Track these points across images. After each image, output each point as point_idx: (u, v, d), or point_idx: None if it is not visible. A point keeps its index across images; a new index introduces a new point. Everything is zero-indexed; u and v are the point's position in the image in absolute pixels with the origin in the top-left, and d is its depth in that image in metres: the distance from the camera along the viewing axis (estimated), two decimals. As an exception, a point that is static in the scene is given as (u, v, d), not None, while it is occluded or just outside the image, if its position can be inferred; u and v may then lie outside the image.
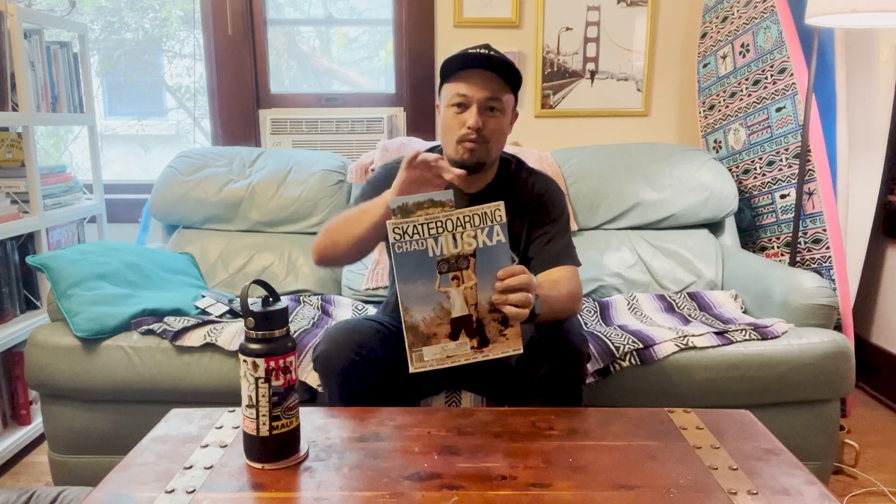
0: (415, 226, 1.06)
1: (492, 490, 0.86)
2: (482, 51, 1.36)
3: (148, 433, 1.02)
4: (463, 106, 1.37)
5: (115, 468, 0.91)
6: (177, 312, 1.81)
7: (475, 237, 1.07)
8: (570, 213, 1.45)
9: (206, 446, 0.97)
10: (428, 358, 1.10)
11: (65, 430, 1.74)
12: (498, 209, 1.07)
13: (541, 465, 0.93)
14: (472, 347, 1.10)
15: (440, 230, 1.06)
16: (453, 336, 1.10)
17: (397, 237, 1.05)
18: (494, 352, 1.11)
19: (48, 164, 2.38)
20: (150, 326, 1.70)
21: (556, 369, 1.27)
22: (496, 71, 1.36)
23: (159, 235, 2.37)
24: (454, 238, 1.07)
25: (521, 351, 1.11)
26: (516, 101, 1.44)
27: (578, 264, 1.45)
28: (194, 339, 1.68)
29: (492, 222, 1.07)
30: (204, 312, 1.86)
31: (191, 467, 0.91)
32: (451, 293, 1.08)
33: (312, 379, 1.59)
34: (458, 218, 1.06)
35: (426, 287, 1.07)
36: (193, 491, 0.85)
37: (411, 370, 1.09)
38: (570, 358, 1.29)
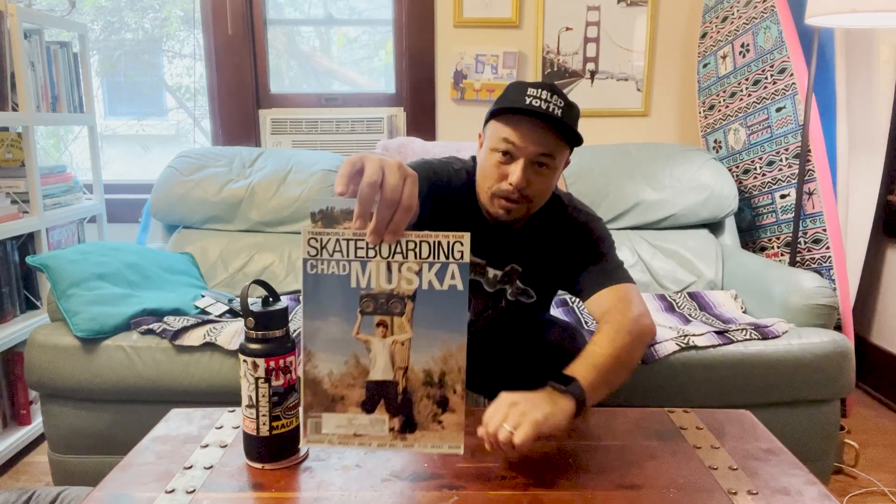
0: (338, 240, 0.79)
1: (492, 490, 0.86)
2: (544, 94, 1.12)
3: (148, 433, 1.02)
4: (508, 155, 1.16)
5: (115, 468, 0.91)
6: (176, 312, 1.81)
7: (419, 273, 0.80)
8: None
9: (206, 446, 0.97)
10: (328, 430, 0.82)
11: (65, 430, 1.74)
12: (459, 241, 0.79)
13: (541, 465, 0.93)
14: (392, 430, 0.83)
15: (371, 254, 0.80)
16: (367, 407, 0.82)
17: (312, 251, 0.80)
18: (422, 443, 0.83)
19: (48, 164, 2.38)
20: (150, 326, 1.70)
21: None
22: (556, 127, 1.14)
23: (159, 235, 2.37)
24: (389, 269, 0.80)
25: (461, 451, 0.83)
26: (571, 152, 1.22)
27: (632, 280, 1.24)
28: (194, 338, 1.68)
29: (447, 258, 0.79)
30: (204, 312, 1.86)
31: (191, 467, 0.91)
32: (374, 345, 0.81)
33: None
34: (400, 243, 0.79)
35: (340, 329, 0.81)
36: (193, 491, 0.85)
37: (302, 442, 0.84)
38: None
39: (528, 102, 1.12)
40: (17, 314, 2.14)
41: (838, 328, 2.01)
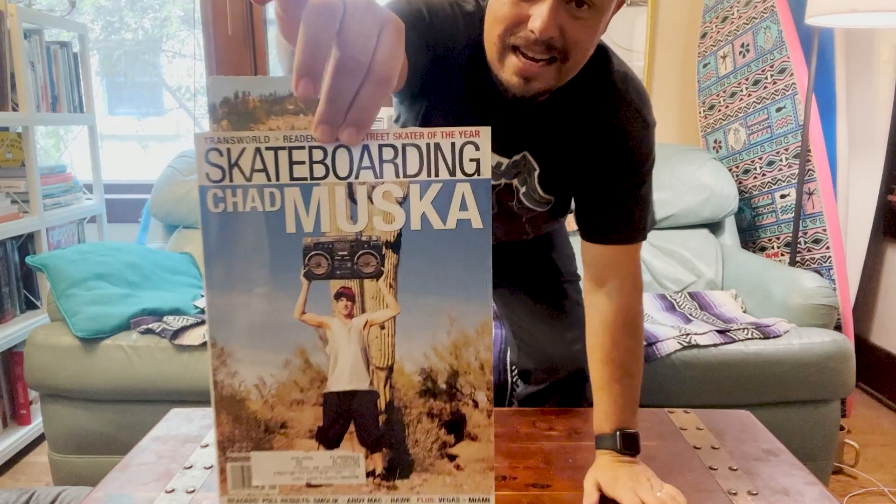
0: (259, 150, 0.47)
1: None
2: None
3: (148, 433, 1.02)
4: None
5: (115, 468, 0.91)
6: (176, 312, 1.81)
7: (404, 202, 0.48)
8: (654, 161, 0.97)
9: (206, 446, 0.97)
10: (262, 480, 0.52)
11: (64, 430, 1.73)
12: (474, 141, 0.47)
13: (541, 465, 0.93)
14: (372, 475, 0.52)
15: (321, 171, 0.47)
16: (327, 438, 0.52)
17: (215, 173, 0.48)
18: (423, 494, 0.52)
19: (48, 164, 2.38)
20: (150, 326, 1.70)
21: (562, 396, 1.25)
22: None
23: (159, 235, 2.37)
24: (353, 197, 0.48)
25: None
26: None
27: (643, 238, 0.98)
28: (193, 337, 1.68)
29: (452, 172, 0.47)
30: (203, 312, 1.86)
31: (191, 467, 0.91)
32: (333, 331, 0.50)
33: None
34: (369, 149, 0.47)
35: (272, 306, 0.49)
36: (193, 491, 0.85)
37: (220, 500, 0.52)
38: (577, 384, 1.23)
39: None
40: (17, 314, 2.14)
41: (838, 328, 2.01)
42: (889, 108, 2.28)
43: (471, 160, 0.47)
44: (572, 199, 1.04)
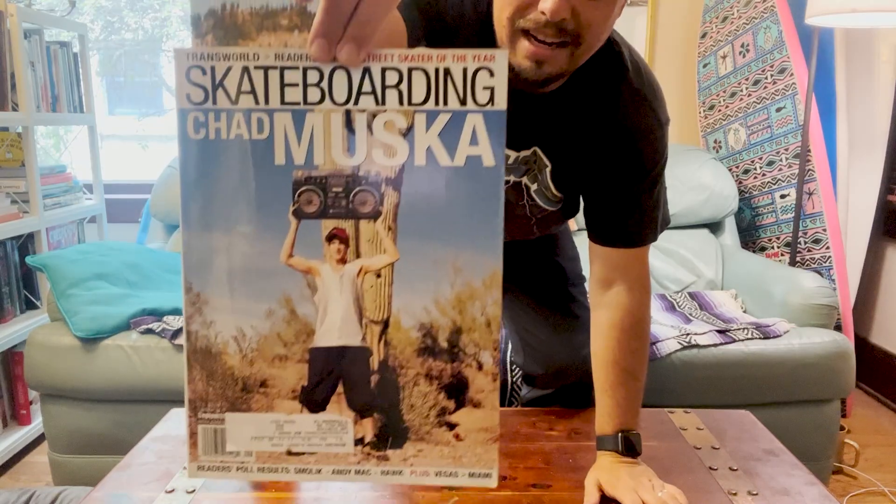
0: (246, 70, 0.42)
1: (491, 490, 0.86)
2: None
3: (148, 433, 1.02)
4: None
5: (115, 468, 0.91)
6: (176, 312, 1.81)
7: (408, 134, 0.43)
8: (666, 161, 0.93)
9: (206, 446, 0.97)
10: (237, 445, 0.47)
11: (65, 430, 1.73)
12: (488, 65, 0.42)
13: (541, 465, 0.93)
14: (361, 442, 0.47)
15: (315, 95, 0.42)
16: (312, 399, 0.46)
17: (197, 94, 0.43)
18: (418, 466, 0.47)
19: (48, 164, 2.38)
20: (150, 326, 1.70)
21: (569, 400, 1.24)
22: None
23: (159, 235, 2.37)
24: (350, 126, 0.43)
25: (493, 481, 0.47)
26: None
27: (654, 240, 0.97)
28: (194, 339, 1.68)
29: (463, 101, 0.43)
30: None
31: (191, 467, 0.91)
32: (323, 278, 0.45)
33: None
34: (371, 71, 0.42)
35: (255, 248, 0.44)
36: (193, 491, 0.85)
37: (190, 471, 0.47)
38: (585, 388, 1.24)
39: None
40: (17, 314, 2.14)
41: (838, 328, 2.01)
42: (889, 108, 2.28)
43: (484, 88, 0.42)
44: (580, 199, 1.02)
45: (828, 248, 2.15)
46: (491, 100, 0.42)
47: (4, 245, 2.08)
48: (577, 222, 2.27)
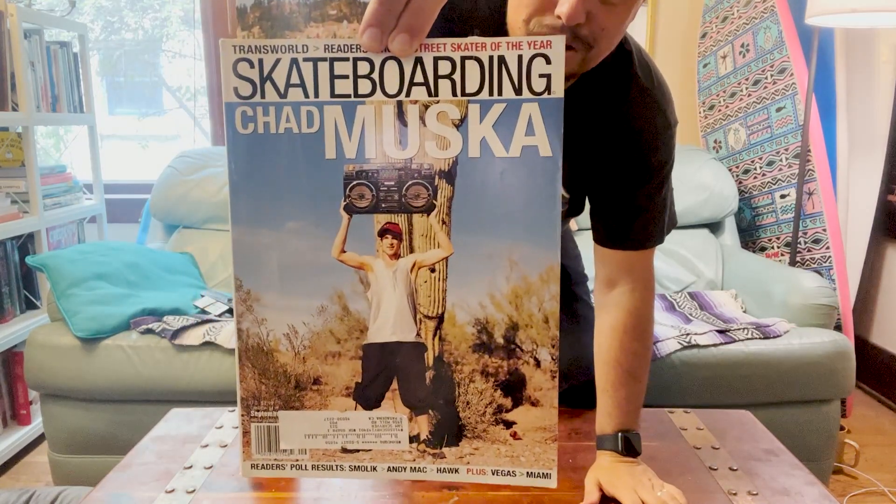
0: (295, 62, 0.41)
1: (492, 490, 0.86)
2: None
3: (148, 433, 1.02)
4: None
5: (114, 468, 0.91)
6: (176, 312, 1.81)
7: (461, 125, 0.41)
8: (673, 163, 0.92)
9: (206, 446, 0.97)
10: (291, 443, 0.46)
11: (64, 430, 1.73)
12: (544, 52, 0.40)
13: (541, 465, 0.93)
14: (416, 439, 0.46)
15: (367, 87, 0.41)
16: (366, 397, 0.45)
17: (245, 88, 0.41)
18: (476, 464, 0.46)
19: (48, 164, 2.38)
20: (150, 326, 1.70)
21: (576, 401, 1.23)
22: None
23: (159, 235, 2.37)
24: (402, 118, 0.42)
25: (553, 482, 0.49)
26: None
27: (660, 242, 0.96)
28: (193, 337, 1.68)
29: (518, 90, 0.41)
30: (203, 312, 1.86)
31: (191, 467, 0.91)
32: (376, 274, 0.43)
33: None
34: (423, 61, 0.40)
35: (306, 244, 0.43)
36: (193, 491, 0.85)
37: (242, 470, 0.48)
38: (592, 388, 1.23)
39: None
40: (17, 314, 2.14)
41: (838, 328, 2.01)
42: (889, 108, 2.28)
43: (540, 76, 0.40)
44: (586, 199, 1.01)
45: (828, 248, 2.15)
46: (548, 87, 0.41)
47: (4, 245, 2.08)
48: (577, 222, 2.27)
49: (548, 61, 0.40)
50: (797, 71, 2.16)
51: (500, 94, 0.41)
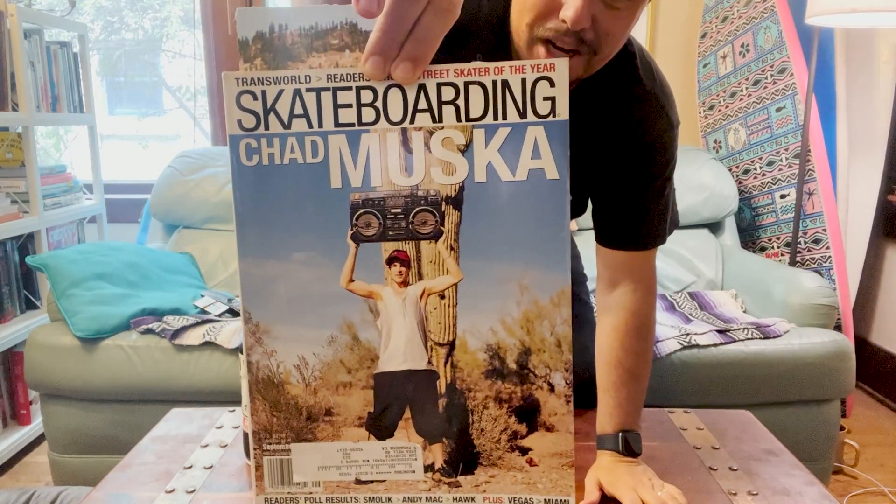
0: (298, 92, 0.41)
1: None
2: None
3: (148, 433, 1.02)
4: None
5: (114, 468, 0.91)
6: (176, 312, 1.81)
7: (466, 150, 0.41)
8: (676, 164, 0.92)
9: (206, 446, 0.97)
10: (304, 476, 0.45)
11: (65, 430, 1.73)
12: (548, 76, 0.40)
13: (541, 465, 0.93)
14: (431, 469, 0.45)
15: (370, 115, 0.41)
16: (379, 427, 0.45)
17: (248, 120, 0.42)
18: (492, 492, 0.45)
19: (48, 164, 2.38)
20: (150, 326, 1.70)
21: (577, 401, 1.22)
22: None
23: (159, 235, 2.37)
24: (407, 145, 0.42)
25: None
26: None
27: (662, 243, 0.97)
28: (193, 337, 1.68)
29: (523, 114, 0.41)
30: (203, 312, 1.86)
31: (191, 467, 0.91)
32: (386, 302, 0.43)
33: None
34: (426, 88, 0.41)
35: (314, 274, 0.43)
36: (193, 491, 0.85)
37: (256, 500, 0.46)
38: (592, 388, 1.22)
39: None
40: (17, 314, 2.14)
41: (838, 328, 2.01)
42: (889, 108, 2.28)
43: (545, 99, 0.40)
44: (588, 199, 1.02)
45: (828, 248, 2.15)
46: (552, 111, 0.41)
47: (4, 245, 2.08)
48: (577, 222, 2.27)
49: (552, 84, 0.40)
50: (797, 71, 2.16)
51: (504, 118, 0.41)
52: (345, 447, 0.45)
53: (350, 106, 0.41)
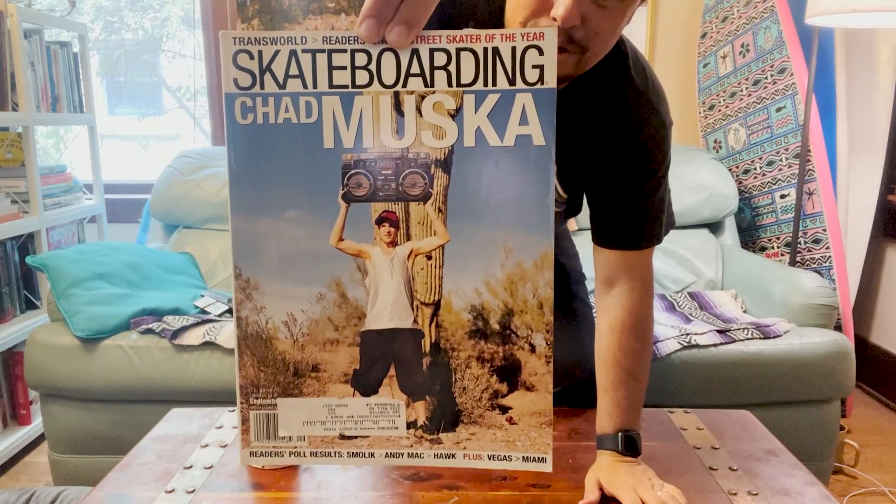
0: (294, 53, 0.42)
1: (492, 490, 0.86)
2: None
3: (148, 433, 1.02)
4: None
5: (115, 468, 0.91)
6: (176, 312, 1.81)
7: (456, 115, 0.42)
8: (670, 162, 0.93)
9: (206, 446, 0.97)
10: (289, 430, 0.46)
11: (64, 430, 1.73)
12: (537, 44, 0.41)
13: (541, 465, 0.93)
14: (414, 426, 0.46)
15: (364, 78, 0.42)
16: (365, 383, 0.46)
17: (244, 78, 0.42)
18: (472, 449, 0.46)
19: (48, 164, 2.38)
20: (150, 326, 1.70)
21: (576, 400, 1.23)
22: None
23: (159, 235, 2.37)
24: (399, 108, 0.43)
25: (548, 465, 0.48)
26: None
27: (658, 243, 0.96)
28: (193, 337, 1.68)
29: (512, 80, 0.42)
30: (203, 312, 1.86)
31: (191, 467, 0.91)
32: (374, 262, 0.44)
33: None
34: (419, 53, 0.41)
35: (305, 232, 0.43)
36: (193, 491, 0.85)
37: (242, 458, 0.49)
38: (591, 386, 1.22)
39: None
40: (17, 314, 2.14)
41: (838, 328, 2.01)
42: (889, 108, 2.28)
43: (533, 67, 0.42)
44: (583, 198, 1.02)
45: (828, 248, 2.15)
46: (540, 78, 0.42)
47: (4, 245, 2.08)
48: (577, 222, 2.27)
49: (540, 52, 0.42)
50: (797, 71, 2.16)
51: (494, 84, 0.42)
52: (330, 403, 0.46)
53: (344, 68, 0.42)
